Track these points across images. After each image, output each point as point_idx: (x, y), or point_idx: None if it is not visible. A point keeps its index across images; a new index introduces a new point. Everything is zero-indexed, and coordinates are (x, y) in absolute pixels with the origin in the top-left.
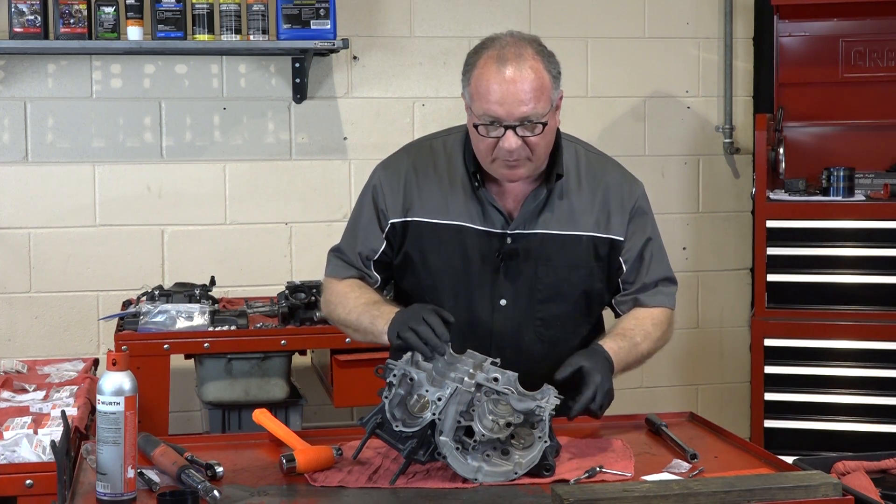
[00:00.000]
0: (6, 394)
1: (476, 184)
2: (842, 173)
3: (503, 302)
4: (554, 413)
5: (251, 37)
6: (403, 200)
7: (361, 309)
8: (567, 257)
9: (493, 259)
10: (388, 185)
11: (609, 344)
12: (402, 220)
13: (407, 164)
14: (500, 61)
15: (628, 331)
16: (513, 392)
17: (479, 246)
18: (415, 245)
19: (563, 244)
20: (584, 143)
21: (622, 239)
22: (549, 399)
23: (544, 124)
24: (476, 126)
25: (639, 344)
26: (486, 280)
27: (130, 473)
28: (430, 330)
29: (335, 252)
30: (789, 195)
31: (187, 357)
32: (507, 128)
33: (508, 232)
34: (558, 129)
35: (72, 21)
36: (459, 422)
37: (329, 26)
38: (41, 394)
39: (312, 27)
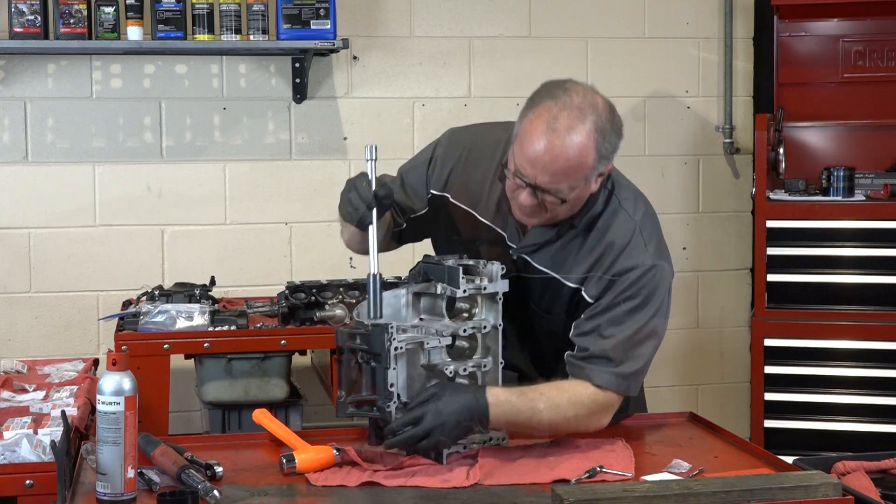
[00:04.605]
0: (6, 394)
1: None
2: (842, 173)
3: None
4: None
5: (251, 37)
6: (448, 177)
7: None
8: (548, 300)
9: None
10: (441, 160)
11: (498, 390)
12: (441, 193)
13: (467, 144)
14: (549, 125)
15: (532, 391)
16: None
17: (491, 246)
18: (441, 218)
19: (545, 285)
20: (638, 207)
21: (591, 301)
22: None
23: (563, 200)
24: (505, 165)
25: (539, 410)
26: None
27: (130, 473)
28: (356, 195)
29: None
30: (789, 195)
31: (187, 357)
32: (527, 184)
33: (512, 246)
34: (614, 183)
35: (72, 21)
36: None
37: (329, 26)
38: (41, 394)
39: (312, 27)
